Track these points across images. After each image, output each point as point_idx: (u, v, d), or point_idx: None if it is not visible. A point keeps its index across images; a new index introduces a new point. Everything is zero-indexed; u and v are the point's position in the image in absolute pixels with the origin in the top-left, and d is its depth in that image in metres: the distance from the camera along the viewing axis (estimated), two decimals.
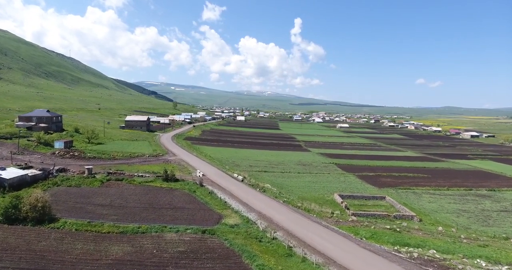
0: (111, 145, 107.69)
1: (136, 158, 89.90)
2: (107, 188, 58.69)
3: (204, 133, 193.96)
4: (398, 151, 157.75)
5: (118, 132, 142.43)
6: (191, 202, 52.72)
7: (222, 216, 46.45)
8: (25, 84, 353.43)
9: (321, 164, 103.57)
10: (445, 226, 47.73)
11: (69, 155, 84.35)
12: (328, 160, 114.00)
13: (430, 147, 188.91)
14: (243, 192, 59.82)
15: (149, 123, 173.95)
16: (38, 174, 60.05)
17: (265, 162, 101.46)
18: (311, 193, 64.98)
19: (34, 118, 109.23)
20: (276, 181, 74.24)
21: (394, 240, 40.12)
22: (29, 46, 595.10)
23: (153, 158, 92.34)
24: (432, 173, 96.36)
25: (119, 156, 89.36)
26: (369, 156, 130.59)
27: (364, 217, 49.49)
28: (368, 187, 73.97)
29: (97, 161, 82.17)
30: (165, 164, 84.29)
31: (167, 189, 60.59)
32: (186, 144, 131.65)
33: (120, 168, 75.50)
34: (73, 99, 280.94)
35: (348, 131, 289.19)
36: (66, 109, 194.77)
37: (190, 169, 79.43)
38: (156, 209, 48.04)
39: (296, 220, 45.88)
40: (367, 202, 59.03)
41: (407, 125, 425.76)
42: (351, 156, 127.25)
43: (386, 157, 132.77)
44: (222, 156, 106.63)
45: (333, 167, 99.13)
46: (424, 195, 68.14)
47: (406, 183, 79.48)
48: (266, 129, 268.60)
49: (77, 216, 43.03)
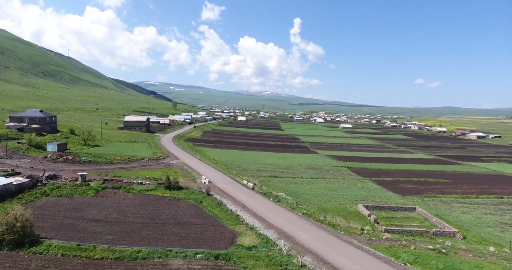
0: (108, 147, 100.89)
1: (135, 162, 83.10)
2: (102, 198, 51.94)
3: (206, 134, 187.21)
4: (408, 153, 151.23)
5: (116, 133, 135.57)
6: (198, 216, 46.01)
7: (236, 234, 39.75)
8: (21, 83, 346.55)
9: (333, 168, 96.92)
10: (495, 245, 41.15)
11: (62, 158, 77.45)
12: (339, 163, 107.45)
13: (439, 148, 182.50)
14: (255, 202, 53.12)
15: (149, 124, 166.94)
16: (25, 182, 53.23)
17: (273, 166, 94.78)
18: (330, 202, 58.35)
19: (26, 118, 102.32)
20: (289, 188, 67.58)
21: (444, 266, 33.50)
22: (27, 46, 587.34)
23: (154, 162, 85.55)
24: (453, 178, 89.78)
25: (116, 160, 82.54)
26: (380, 159, 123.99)
27: (399, 234, 42.87)
28: (390, 195, 67.34)
29: (92, 166, 75.33)
30: (167, 169, 77.55)
31: (170, 198, 53.88)
32: (188, 145, 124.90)
33: (118, 173, 68.72)
34: (70, 99, 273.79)
35: (352, 132, 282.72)
36: (63, 109, 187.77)
37: (195, 175, 72.64)
38: (158, 225, 41.32)
39: (323, 238, 39.22)
40: (396, 214, 52.40)
41: (410, 125, 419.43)
42: (361, 159, 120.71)
43: (398, 159, 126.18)
44: (226, 159, 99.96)
45: (346, 171, 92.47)
46: (454, 204, 61.55)
47: (430, 190, 72.90)
48: (268, 130, 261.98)
49: (65, 236, 36.27)
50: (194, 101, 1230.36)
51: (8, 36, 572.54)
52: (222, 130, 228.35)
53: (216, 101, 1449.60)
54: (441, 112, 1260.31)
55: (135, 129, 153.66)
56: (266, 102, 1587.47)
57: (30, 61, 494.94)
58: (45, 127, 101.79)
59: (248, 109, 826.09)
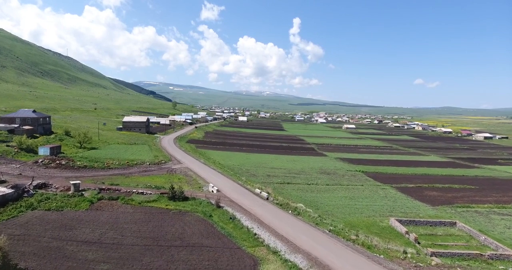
0: (106, 150, 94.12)
1: (135, 167, 76.32)
2: (97, 212, 45.15)
3: (208, 135, 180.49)
4: (419, 155, 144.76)
5: (114, 134, 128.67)
6: (209, 235, 39.28)
7: (257, 261, 33.03)
8: (18, 83, 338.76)
9: (347, 172, 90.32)
10: None
11: (54, 163, 70.56)
12: (352, 166, 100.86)
13: (449, 149, 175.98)
14: (273, 216, 46.40)
15: (149, 125, 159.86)
16: (8, 193, 46.34)
17: (283, 170, 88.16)
18: (355, 215, 51.69)
19: (17, 119, 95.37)
20: (306, 197, 60.92)
21: None
22: (25, 45, 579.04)
23: (155, 167, 78.78)
24: (478, 184, 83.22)
25: (114, 165, 75.75)
26: (393, 162, 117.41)
27: (449, 258, 36.24)
28: (419, 205, 60.67)
29: (88, 171, 68.50)
30: (170, 175, 70.84)
31: (175, 212, 47.14)
32: (190, 148, 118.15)
33: (116, 180, 61.96)
34: (68, 99, 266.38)
35: (356, 133, 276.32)
36: (59, 109, 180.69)
37: (201, 182, 65.87)
38: (163, 249, 34.60)
39: (363, 266, 32.53)
40: (435, 230, 45.76)
41: (413, 126, 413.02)
42: (374, 162, 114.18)
43: (412, 162, 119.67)
44: (232, 163, 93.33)
45: (362, 176, 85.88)
46: (493, 217, 54.96)
47: (459, 198, 66.30)
48: (271, 131, 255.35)
49: (50, 266, 29.51)
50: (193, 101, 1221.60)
51: (6, 35, 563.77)
52: (224, 131, 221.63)
53: (215, 101, 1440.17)
54: (440, 113, 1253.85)
55: (135, 131, 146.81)
56: (266, 103, 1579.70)
57: (27, 60, 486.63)
58: (38, 129, 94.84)
59: (248, 109, 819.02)
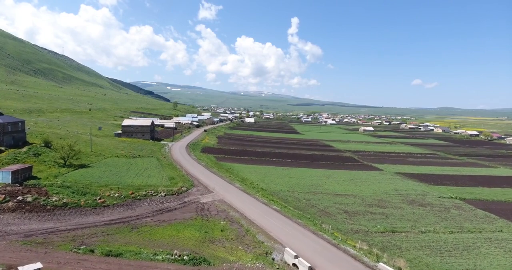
0: (100, 168, 67.08)
1: (144, 202, 49.07)
2: None
3: (222, 140, 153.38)
4: (487, 167, 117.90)
5: (112, 143, 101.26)
6: None
7: None
8: (7, 81, 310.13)
9: (444, 202, 63.59)
10: None
11: (14, 202, 43.22)
12: (433, 189, 74.75)
13: (504, 157, 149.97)
14: None
15: (154, 129, 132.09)
16: None
17: (355, 199, 61.52)
18: None
19: None
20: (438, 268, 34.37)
21: None
22: (17, 42, 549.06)
23: (174, 200, 51.66)
24: None
25: (112, 198, 48.66)
26: (475, 178, 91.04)
27: None
28: None
29: (67, 217, 41.22)
30: (202, 219, 43.70)
31: None
32: (209, 160, 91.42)
33: (114, 239, 35.02)
34: (60, 98, 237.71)
35: (378, 136, 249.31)
36: (46, 110, 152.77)
37: (261, 238, 38.58)
38: None
39: None
40: None
41: (431, 127, 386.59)
42: (453, 179, 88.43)
43: (492, 178, 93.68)
44: (278, 187, 66.70)
45: (472, 210, 59.15)
46: None
47: None
48: (285, 134, 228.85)
49: None
50: (191, 101, 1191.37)
51: None
52: (236, 134, 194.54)
53: (213, 102, 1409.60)
54: (439, 113, 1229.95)
55: (137, 136, 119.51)
56: (264, 103, 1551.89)
57: (20, 58, 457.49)
58: (3, 139, 67.28)
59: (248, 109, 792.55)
